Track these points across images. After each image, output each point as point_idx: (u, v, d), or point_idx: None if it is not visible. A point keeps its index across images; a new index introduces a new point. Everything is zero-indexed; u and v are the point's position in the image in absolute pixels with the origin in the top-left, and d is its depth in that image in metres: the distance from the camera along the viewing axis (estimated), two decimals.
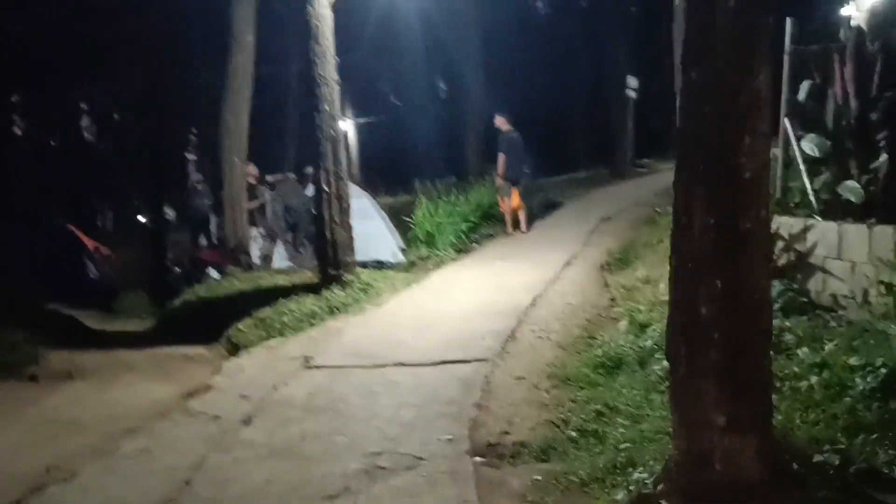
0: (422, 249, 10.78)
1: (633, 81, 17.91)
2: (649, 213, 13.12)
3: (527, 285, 8.33)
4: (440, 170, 20.30)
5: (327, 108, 8.49)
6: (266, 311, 8.22)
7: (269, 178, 12.08)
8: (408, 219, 11.64)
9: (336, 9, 8.50)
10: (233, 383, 5.99)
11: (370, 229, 11.18)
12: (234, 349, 7.94)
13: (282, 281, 9.58)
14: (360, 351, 6.39)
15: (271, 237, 11.46)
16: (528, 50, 23.17)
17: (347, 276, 8.66)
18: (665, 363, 4.69)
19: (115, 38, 14.22)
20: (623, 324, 6.01)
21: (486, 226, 12.24)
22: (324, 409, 5.07)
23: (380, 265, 11.03)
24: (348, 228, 8.78)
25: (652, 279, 8.05)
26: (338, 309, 8.14)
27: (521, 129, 12.27)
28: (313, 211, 11.89)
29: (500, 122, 12.11)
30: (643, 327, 5.87)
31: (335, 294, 8.39)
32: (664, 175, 18.78)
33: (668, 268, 7.81)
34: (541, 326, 6.63)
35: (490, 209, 12.53)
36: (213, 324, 8.70)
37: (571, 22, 23.45)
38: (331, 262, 8.68)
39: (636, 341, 5.50)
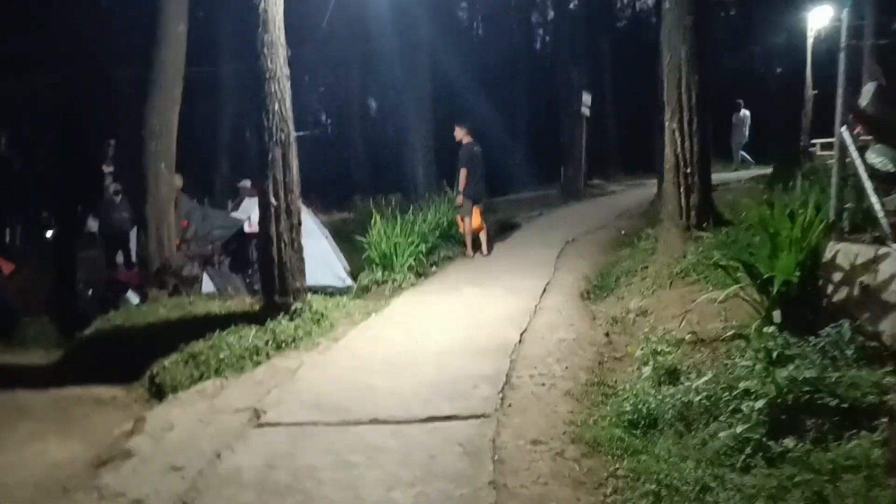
0: (377, 273, 9.55)
1: (587, 98, 17.21)
2: (615, 235, 12.35)
3: (507, 316, 7.25)
4: (383, 186, 19.17)
5: (277, 107, 7.25)
6: (198, 345, 6.83)
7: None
8: (360, 237, 10.38)
9: None
10: (159, 447, 4.65)
11: (315, 250, 9.87)
12: (159, 392, 6.56)
13: (216, 308, 8.20)
14: (322, 401, 5.14)
15: (201, 258, 10.04)
16: (477, 62, 22.32)
17: (297, 305, 7.38)
18: (735, 429, 3.71)
19: (23, 26, 12.50)
20: (647, 370, 4.96)
21: (444, 247, 11.12)
22: (287, 489, 3.81)
23: (328, 292, 9.77)
24: (299, 249, 7.52)
25: (645, 310, 7.12)
26: (286, 344, 6.85)
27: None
28: (247, 227, 10.67)
29: (461, 134, 11.05)
30: (672, 374, 4.85)
31: (282, 325, 7.11)
32: (620, 196, 18.16)
33: (660, 298, 6.86)
34: (540, 370, 5.53)
35: (449, 229, 11.43)
36: (131, 359, 7.28)
37: (522, 34, 22.81)
38: (277, 287, 7.39)
39: (671, 393, 4.46)
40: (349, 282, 10.38)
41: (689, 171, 8.24)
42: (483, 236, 11.18)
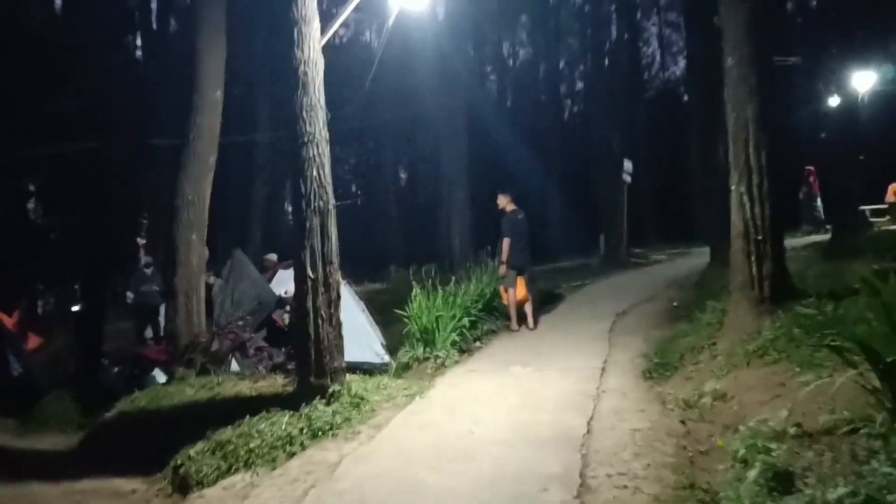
0: (418, 349, 8.88)
1: (628, 165, 16.71)
2: (667, 307, 11.60)
3: (566, 400, 6.52)
4: (417, 256, 18.66)
5: (316, 172, 6.77)
6: (227, 433, 6.18)
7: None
8: (398, 311, 9.75)
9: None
10: None
11: (352, 324, 9.28)
12: (183, 485, 5.91)
13: (246, 390, 7.58)
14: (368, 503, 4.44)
15: (232, 338, 9.46)
16: (512, 130, 22.04)
17: (334, 387, 6.73)
18: None
19: (60, 89, 12.37)
20: (752, 473, 4.20)
21: (487, 320, 10.45)
22: None
23: (365, 369, 9.12)
24: (337, 325, 6.92)
25: (723, 394, 6.34)
26: (323, 432, 6.17)
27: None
28: (284, 300, 10.11)
29: (504, 202, 10.53)
30: (784, 478, 4.08)
31: (319, 410, 6.45)
32: (665, 266, 17.41)
33: (738, 380, 6.10)
34: (617, 468, 4.78)
35: (491, 300, 10.78)
36: (155, 445, 6.66)
37: (555, 102, 22.57)
38: (313, 367, 6.76)
39: None
40: (387, 358, 9.72)
41: (760, 237, 7.56)
42: (528, 308, 10.52)
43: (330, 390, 6.71)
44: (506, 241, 10.25)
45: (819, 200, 20.03)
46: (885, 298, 4.51)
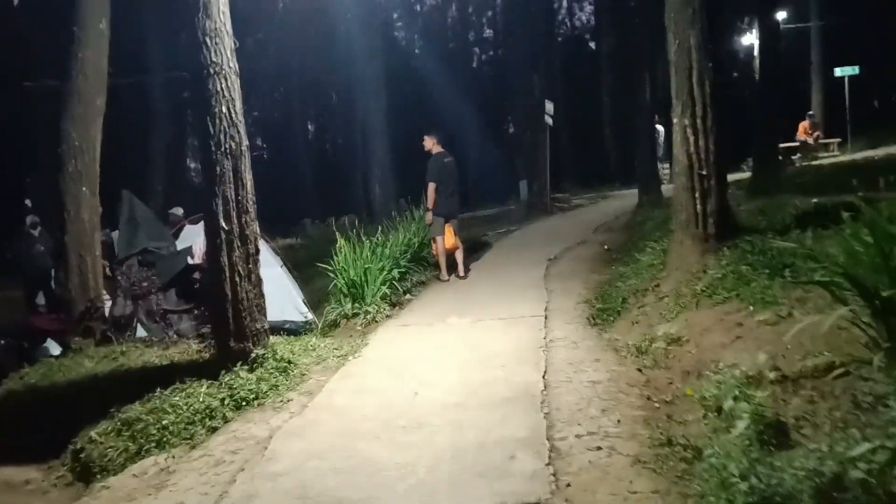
0: (346, 304, 8.18)
1: (549, 107, 16.21)
2: (599, 251, 11.30)
3: (516, 352, 6.02)
4: (333, 208, 17.82)
5: (226, 109, 5.90)
6: (135, 409, 5.37)
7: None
8: (321, 265, 8.99)
9: None
10: None
11: (271, 281, 8.48)
12: (85, 472, 5.14)
13: (155, 359, 6.74)
14: (311, 491, 3.79)
15: (132, 296, 8.48)
16: (426, 77, 21.17)
17: (257, 351, 6.00)
18: None
19: None
20: (741, 424, 3.77)
21: (416, 271, 9.84)
22: None
23: (288, 329, 8.39)
24: (258, 282, 6.15)
25: (678, 338, 5.97)
26: (248, 402, 5.47)
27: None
28: (192, 259, 9.17)
29: (430, 144, 9.84)
30: (778, 430, 3.68)
31: (241, 378, 5.72)
32: (589, 210, 17.17)
33: (690, 322, 5.75)
34: (586, 426, 4.30)
35: (420, 251, 10.16)
36: (51, 427, 5.81)
37: (470, 48, 21.81)
38: (232, 330, 5.99)
39: (797, 463, 3.26)
40: (311, 316, 8.98)
41: (704, 172, 7.18)
42: (459, 257, 9.97)
43: (253, 354, 5.97)
44: (431, 186, 9.59)
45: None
46: (876, 227, 4.13)
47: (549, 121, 16.24)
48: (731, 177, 16.81)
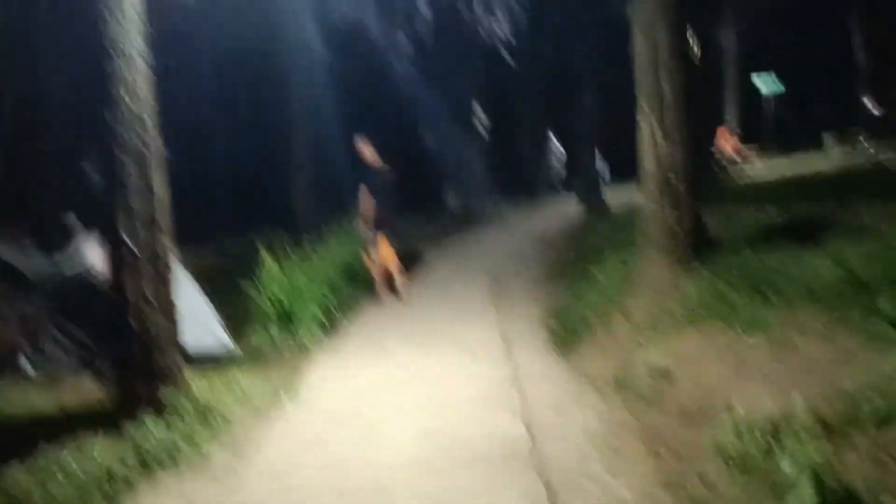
0: (272, 331, 7.09)
1: (480, 115, 15.50)
2: (542, 265, 10.65)
3: (483, 391, 5.17)
4: (252, 222, 16.52)
5: (127, 99, 4.81)
6: (14, 474, 4.22)
7: None
8: (246, 287, 7.86)
9: None
10: None
11: (184, 303, 7.32)
12: None
13: (44, 403, 5.53)
14: None
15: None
16: (343, 84, 19.99)
17: (171, 393, 4.91)
18: None
19: None
20: (804, 495, 3.01)
21: (351, 291, 8.86)
22: None
23: (204, 359, 7.24)
24: (170, 310, 5.07)
25: (663, 368, 5.24)
26: (159, 461, 4.36)
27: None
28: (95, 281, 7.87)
29: (365, 149, 8.89)
30: (850, 500, 2.94)
31: (150, 429, 4.62)
32: (522, 220, 16.44)
33: (675, 351, 5.06)
34: (599, 496, 3.47)
35: (353, 267, 9.18)
36: None
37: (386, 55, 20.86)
38: (139, 368, 4.88)
39: None
40: (229, 342, 7.84)
41: (675, 181, 6.55)
42: (396, 274, 9.05)
43: (164, 398, 4.88)
44: (366, 196, 8.66)
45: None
46: None
47: (480, 128, 15.55)
48: None
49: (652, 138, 6.60)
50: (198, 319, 7.96)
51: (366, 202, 8.68)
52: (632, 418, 4.66)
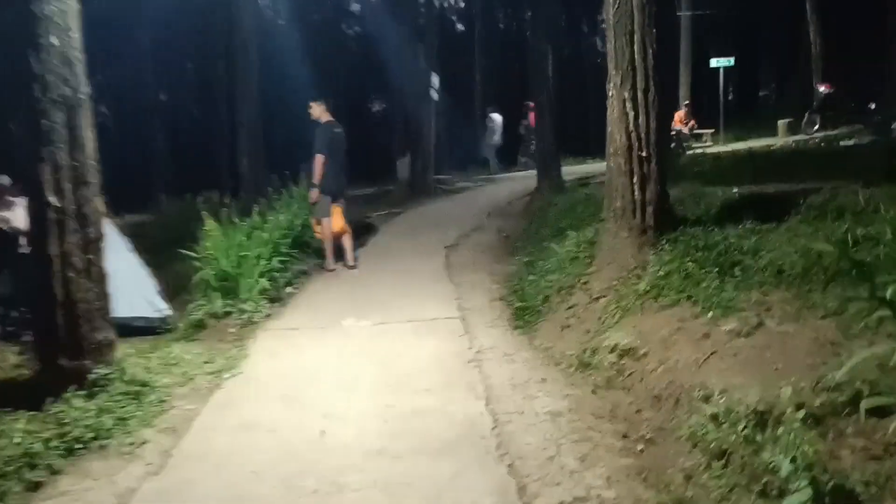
0: (215, 301, 6.63)
1: (435, 80, 15.06)
2: (496, 238, 10.32)
3: (441, 370, 4.86)
4: (192, 183, 15.81)
5: (58, 42, 4.29)
6: None
7: None
8: (187, 253, 7.35)
9: None
10: None
11: (117, 267, 6.79)
12: None
13: None
14: None
15: None
16: (294, 48, 19.21)
17: (100, 369, 4.46)
18: None
19: None
20: (802, 498, 2.78)
21: (298, 258, 8.41)
22: None
23: (138, 327, 6.77)
24: (100, 278, 4.60)
25: (630, 348, 5.02)
26: (85, 443, 3.94)
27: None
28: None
29: (318, 112, 8.42)
30: (849, 498, 2.73)
31: (76, 408, 4.18)
32: (477, 193, 16.10)
33: (638, 329, 4.85)
34: (569, 488, 3.19)
35: (301, 235, 8.73)
36: None
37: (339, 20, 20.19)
38: (64, 343, 4.42)
39: None
40: (167, 311, 7.35)
41: (644, 154, 6.28)
42: (347, 243, 8.65)
43: (92, 375, 4.43)
44: (318, 158, 8.20)
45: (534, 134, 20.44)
46: None
47: (435, 95, 15.10)
48: (586, 168, 16.27)
49: (622, 109, 6.30)
50: (132, 285, 7.44)
51: (317, 165, 8.22)
52: (599, 401, 4.42)
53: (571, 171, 15.04)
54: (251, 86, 13.08)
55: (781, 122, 20.43)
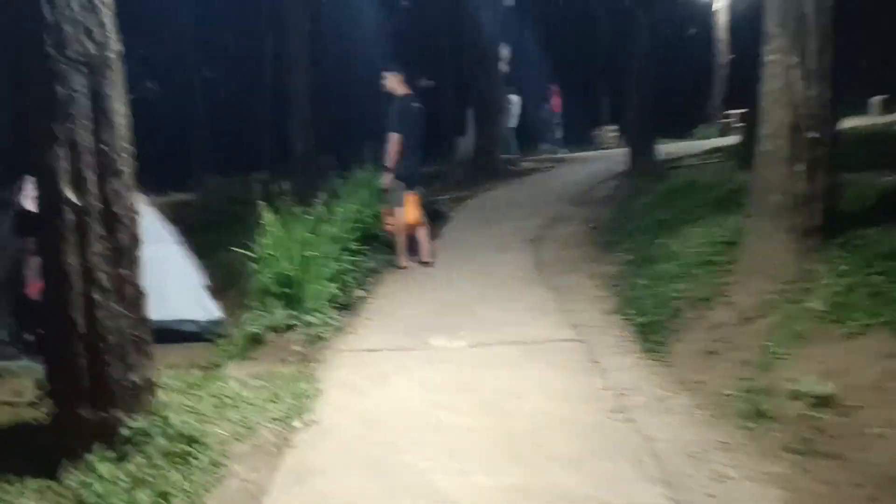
0: (275, 311, 5.47)
1: (506, 52, 13.74)
2: (584, 230, 9.05)
3: (577, 425, 3.64)
4: (239, 163, 14.83)
5: (74, 4, 3.15)
6: None
7: None
8: (240, 251, 6.20)
9: None
10: None
11: (163, 265, 5.73)
12: None
13: None
14: None
15: None
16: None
17: (134, 420, 3.36)
18: None
19: None
20: None
21: (366, 254, 7.26)
22: None
23: (187, 333, 5.73)
24: (136, 299, 3.47)
25: (830, 397, 3.72)
26: None
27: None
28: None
29: (394, 83, 7.24)
30: None
31: (100, 475, 3.10)
32: (546, 176, 14.69)
33: (831, 364, 3.67)
34: None
35: (370, 227, 7.58)
36: None
37: None
38: (86, 386, 3.32)
39: None
40: (217, 312, 6.25)
41: (816, 135, 4.98)
42: (422, 236, 7.51)
43: (125, 430, 3.33)
44: (393, 137, 7.05)
45: (558, 118, 19.36)
46: None
47: (506, 67, 13.79)
48: (664, 148, 14.75)
49: (787, 79, 4.99)
50: (180, 282, 6.41)
51: (392, 146, 7.06)
52: (814, 483, 3.17)
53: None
54: (303, 57, 11.92)
55: (876, 99, 18.62)
